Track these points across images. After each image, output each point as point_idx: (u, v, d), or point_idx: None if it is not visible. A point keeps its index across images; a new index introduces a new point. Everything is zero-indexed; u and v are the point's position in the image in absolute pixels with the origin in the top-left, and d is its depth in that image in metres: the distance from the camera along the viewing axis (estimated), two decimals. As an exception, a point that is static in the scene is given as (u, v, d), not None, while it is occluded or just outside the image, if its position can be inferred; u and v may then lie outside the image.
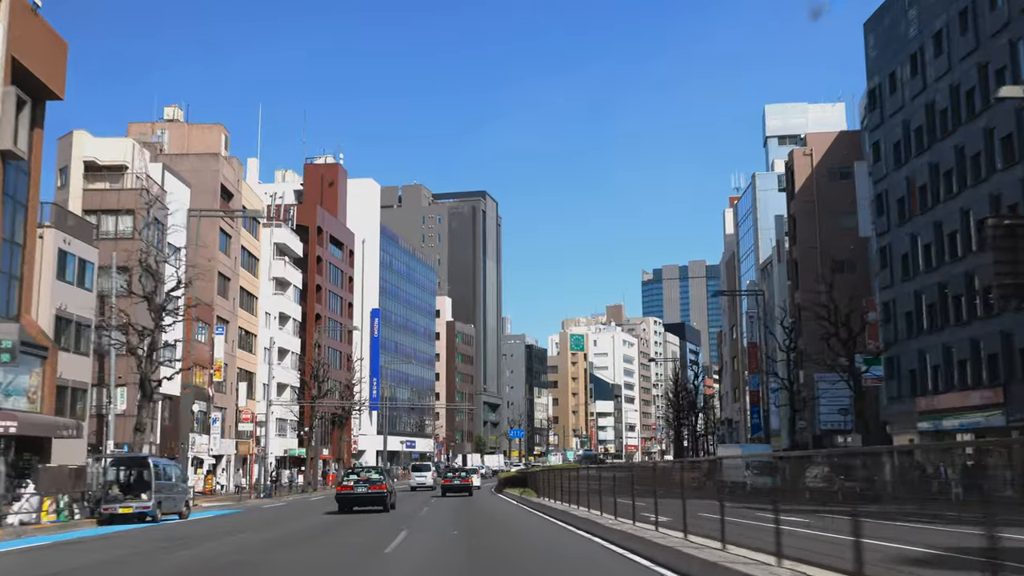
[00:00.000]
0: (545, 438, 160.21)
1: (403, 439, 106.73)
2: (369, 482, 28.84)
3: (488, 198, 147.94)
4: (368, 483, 28.77)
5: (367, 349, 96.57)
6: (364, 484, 28.77)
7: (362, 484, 28.80)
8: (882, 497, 8.67)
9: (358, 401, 76.73)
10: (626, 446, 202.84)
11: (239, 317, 60.95)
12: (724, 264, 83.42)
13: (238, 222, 60.97)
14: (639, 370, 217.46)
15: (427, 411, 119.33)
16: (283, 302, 72.57)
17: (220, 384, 55.99)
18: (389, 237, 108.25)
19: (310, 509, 35.38)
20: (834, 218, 58.23)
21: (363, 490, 28.54)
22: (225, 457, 57.63)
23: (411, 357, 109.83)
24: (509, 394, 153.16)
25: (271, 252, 71.59)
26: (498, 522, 20.77)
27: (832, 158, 59.47)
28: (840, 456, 11.72)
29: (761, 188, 70.28)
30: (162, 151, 56.21)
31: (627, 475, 20.10)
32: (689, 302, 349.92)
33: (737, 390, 78.92)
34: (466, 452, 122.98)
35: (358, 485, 28.78)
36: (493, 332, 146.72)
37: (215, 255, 56.03)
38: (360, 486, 28.73)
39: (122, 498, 23.91)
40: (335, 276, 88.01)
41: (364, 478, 29.30)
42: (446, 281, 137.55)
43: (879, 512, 8.31)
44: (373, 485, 28.59)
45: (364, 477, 29.46)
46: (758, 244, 69.52)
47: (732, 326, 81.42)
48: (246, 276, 63.52)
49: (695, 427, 73.38)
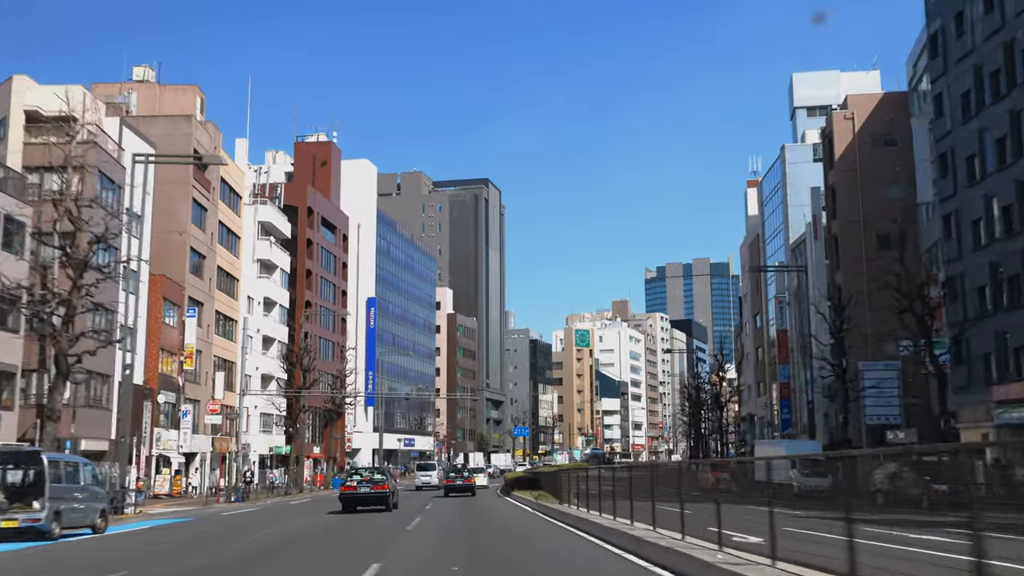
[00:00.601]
0: (550, 437, 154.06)
1: (401, 437, 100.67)
2: (372, 482, 29.64)
3: (491, 186, 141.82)
4: (371, 483, 29.55)
5: (362, 341, 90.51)
6: (367, 484, 29.51)
7: (365, 484, 29.53)
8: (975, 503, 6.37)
9: (349, 392, 70.62)
10: (632, 445, 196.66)
11: (216, 299, 54.89)
12: (747, 247, 77.36)
13: (215, 195, 54.94)
14: (646, 367, 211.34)
15: (427, 407, 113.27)
16: (269, 286, 66.52)
17: (192, 373, 49.95)
18: (387, 223, 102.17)
19: (279, 517, 29.37)
20: (879, 188, 52.22)
21: (366, 490, 29.30)
22: (200, 455, 51.54)
23: (409, 350, 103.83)
24: (513, 391, 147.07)
25: (255, 231, 65.53)
26: (528, 556, 14.59)
27: (875, 123, 53.40)
28: (932, 453, 9.98)
29: (791, 161, 64.16)
30: (129, 113, 50.16)
31: (672, 474, 15.89)
32: (693, 300, 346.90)
33: (762, 383, 72.82)
34: (468, 451, 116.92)
35: (361, 485, 29.51)
36: (496, 325, 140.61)
37: (187, 228, 50.00)
38: (363, 486, 29.45)
39: (5, 507, 17.80)
40: (327, 261, 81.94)
41: (367, 478, 30.11)
42: (447, 272, 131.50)
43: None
44: (376, 485, 29.40)
45: (367, 477, 30.29)
46: (788, 222, 63.42)
47: (756, 314, 75.32)
48: (225, 255, 57.47)
49: (722, 422, 67.28)
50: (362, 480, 29.94)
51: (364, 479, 30.02)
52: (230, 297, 58.40)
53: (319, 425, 75.53)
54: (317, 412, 73.71)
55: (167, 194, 48.67)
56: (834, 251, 54.15)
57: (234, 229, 59.59)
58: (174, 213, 49.00)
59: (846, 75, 69.97)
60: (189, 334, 48.15)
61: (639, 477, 18.33)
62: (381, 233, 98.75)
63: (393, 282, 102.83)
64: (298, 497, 48.54)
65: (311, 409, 73.18)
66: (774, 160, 68.54)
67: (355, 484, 29.68)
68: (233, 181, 59.13)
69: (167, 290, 46.60)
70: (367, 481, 29.74)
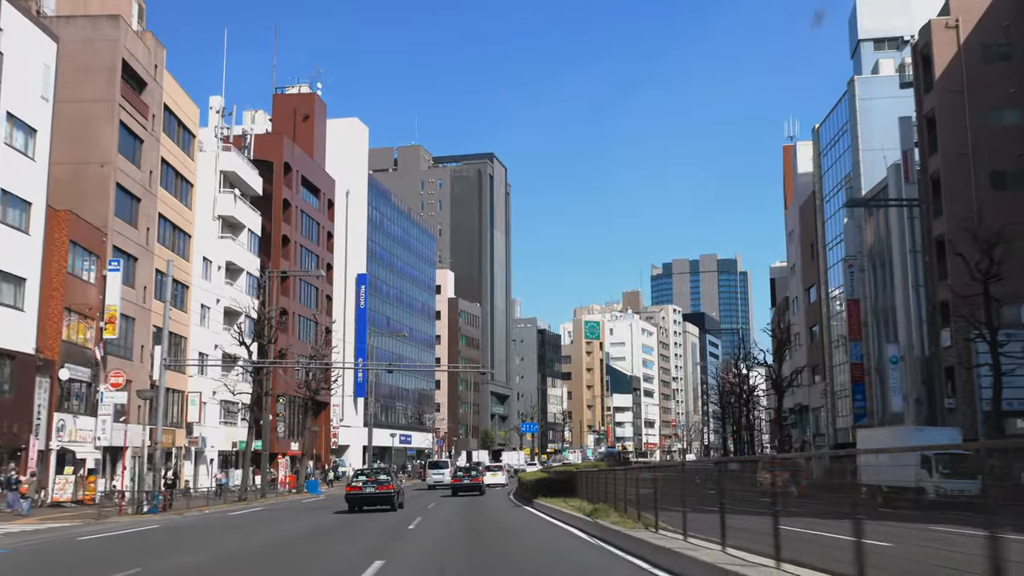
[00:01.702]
0: (560, 434, 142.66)
1: (395, 432, 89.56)
2: (377, 482, 29.40)
3: (496, 161, 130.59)
4: (376, 483, 29.33)
5: (351, 323, 79.52)
6: (372, 484, 29.26)
7: (370, 484, 29.28)
8: None
9: (329, 370, 59.54)
10: (645, 444, 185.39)
11: (158, 256, 43.85)
12: (797, 210, 66.28)
13: (157, 126, 43.91)
14: (658, 361, 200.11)
15: (426, 401, 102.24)
16: (233, 249, 55.49)
17: (120, 345, 38.98)
18: (380, 192, 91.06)
19: (174, 542, 18.39)
20: (989, 115, 41.25)
21: (371, 490, 29.07)
22: (131, 450, 40.38)
23: (406, 336, 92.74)
24: (519, 384, 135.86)
25: (217, 183, 54.53)
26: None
27: (986, 31, 42.36)
28: None
29: (863, 96, 53.08)
30: (39, 12, 39.09)
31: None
32: (700, 296, 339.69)
33: (818, 367, 61.72)
34: (471, 448, 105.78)
35: (367, 485, 29.28)
36: (502, 313, 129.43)
37: (112, 159, 38.97)
38: (368, 486, 29.21)
39: None
40: (309, 228, 70.92)
41: (372, 478, 29.88)
42: (448, 254, 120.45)
43: None
44: (381, 486, 29.20)
45: (372, 478, 30.02)
46: (860, 168, 52.27)
47: (809, 287, 64.19)
48: (171, 203, 46.46)
49: (780, 410, 56.11)
50: (367, 480, 29.68)
51: (370, 479, 29.76)
52: (180, 256, 47.37)
53: (297, 417, 64.51)
54: (294, 401, 62.69)
55: (84, 114, 37.78)
56: (927, 195, 43.16)
57: (185, 174, 48.54)
58: (92, 138, 38.04)
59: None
60: (112, 293, 37.12)
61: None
62: (373, 203, 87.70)
63: (387, 259, 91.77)
64: (252, 504, 37.52)
65: (286, 397, 62.21)
66: (837, 100, 57.45)
67: (360, 484, 29.52)
68: (184, 114, 48.12)
69: (79, 233, 35.60)
70: (372, 481, 29.51)
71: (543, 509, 24.94)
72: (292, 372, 60.40)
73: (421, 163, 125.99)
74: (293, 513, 30.71)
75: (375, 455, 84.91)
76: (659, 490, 14.89)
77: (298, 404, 63.50)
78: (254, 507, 35.23)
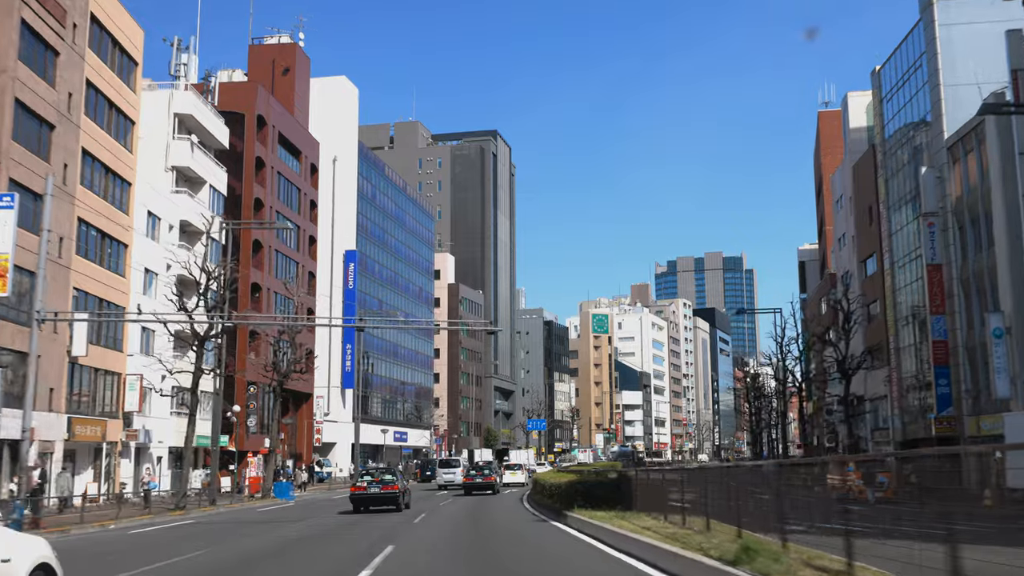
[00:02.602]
0: (568, 432, 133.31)
1: (387, 429, 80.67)
2: (383, 483, 28.96)
3: (499, 139, 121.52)
4: (381, 484, 28.91)
5: (338, 304, 70.71)
6: (377, 485, 28.86)
7: (375, 484, 28.88)
8: None
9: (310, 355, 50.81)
10: (656, 443, 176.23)
11: (80, 202, 34.95)
12: (852, 171, 57.35)
13: (81, 39, 35.01)
14: (669, 357, 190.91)
15: (424, 395, 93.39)
16: (190, 207, 46.46)
17: (7, 303, 30.15)
18: (372, 163, 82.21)
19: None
20: None
21: (376, 490, 28.69)
22: (38, 445, 31.40)
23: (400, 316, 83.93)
24: (525, 379, 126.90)
25: (171, 127, 45.67)
26: None
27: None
28: None
29: (944, 22, 44.12)
30: None
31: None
32: (705, 295, 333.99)
33: (878, 351, 52.80)
34: (473, 447, 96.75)
35: (371, 485, 28.90)
36: (506, 303, 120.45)
37: (7, 64, 30.09)
38: (373, 486, 28.82)
39: None
40: (288, 194, 62.09)
41: (378, 479, 29.42)
42: (448, 238, 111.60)
43: None
44: (386, 486, 28.78)
45: (378, 478, 29.53)
46: (940, 108, 43.28)
47: (866, 259, 55.25)
48: (104, 141, 37.54)
49: (848, 397, 47.01)
50: (372, 480, 29.22)
51: (375, 479, 29.31)
52: (115, 207, 38.49)
53: (268, 409, 55.68)
54: (265, 390, 53.85)
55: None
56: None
57: (124, 107, 39.58)
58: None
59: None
60: (3, 238, 28.19)
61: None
62: (365, 173, 78.84)
63: (380, 236, 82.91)
64: (187, 516, 28.63)
65: (258, 386, 53.38)
66: (906, 33, 48.51)
67: (365, 484, 28.99)
68: (121, 34, 39.21)
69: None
70: (377, 482, 29.04)
71: (592, 531, 15.75)
72: (264, 353, 51.57)
73: (419, 140, 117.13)
74: (220, 533, 21.79)
75: (366, 454, 76.05)
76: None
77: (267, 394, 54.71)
78: (181, 520, 26.35)
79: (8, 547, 6.75)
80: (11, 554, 6.70)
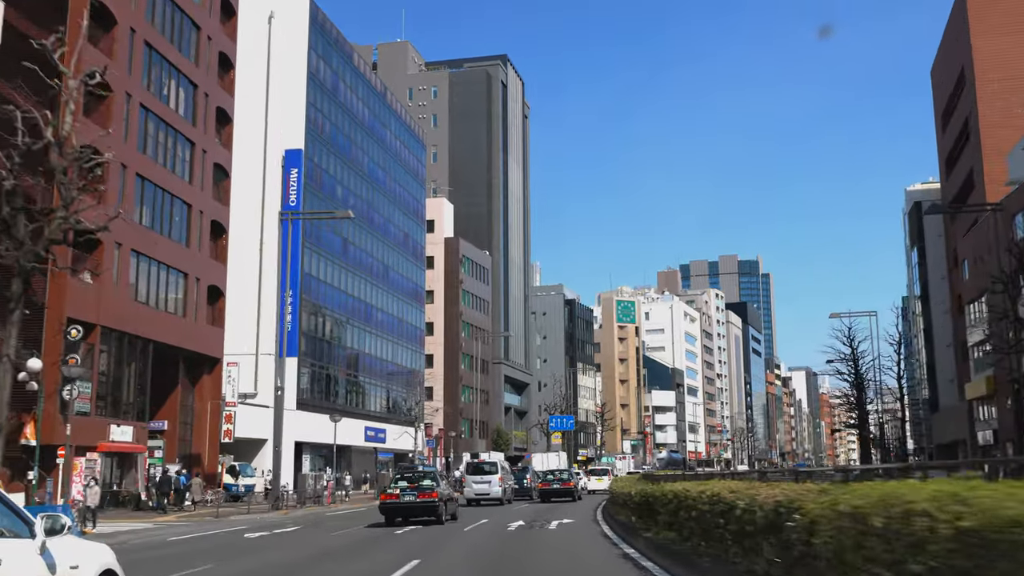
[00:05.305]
0: (592, 437, 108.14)
1: (357, 424, 56.08)
2: (419, 489, 24.55)
3: (510, 67, 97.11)
4: (418, 490, 24.49)
5: (272, 226, 46.48)
6: (413, 492, 24.44)
7: (410, 492, 24.47)
8: None
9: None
10: (689, 452, 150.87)
11: None
12: None
13: None
14: (701, 354, 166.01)
15: (410, 381, 68.74)
16: None
17: None
18: (330, 39, 57.90)
19: None
20: None
21: (411, 499, 24.34)
22: None
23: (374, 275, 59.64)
24: (541, 370, 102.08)
25: None
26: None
27: None
28: None
29: None
30: None
31: None
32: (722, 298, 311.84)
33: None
34: (478, 450, 71.72)
35: (405, 493, 24.51)
36: (518, 270, 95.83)
37: None
38: (408, 494, 24.44)
39: None
40: (177, 29, 37.86)
41: (414, 484, 24.86)
42: (446, 184, 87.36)
43: None
44: (423, 493, 24.46)
45: (414, 484, 24.95)
46: None
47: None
48: None
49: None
50: (408, 487, 24.61)
51: (410, 485, 24.73)
52: None
53: (135, 374, 31.29)
54: (133, 344, 29.48)
55: None
56: None
57: None
58: None
59: None
60: None
61: None
62: (320, 50, 54.66)
63: (342, 146, 58.58)
64: None
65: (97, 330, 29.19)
66: None
67: (398, 492, 24.56)
68: None
69: None
70: (413, 488, 24.55)
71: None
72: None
73: (409, 65, 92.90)
74: None
75: (322, 457, 51.88)
76: None
77: (127, 344, 30.52)
78: None
79: (77, 554, 7.06)
80: (79, 560, 7.02)
